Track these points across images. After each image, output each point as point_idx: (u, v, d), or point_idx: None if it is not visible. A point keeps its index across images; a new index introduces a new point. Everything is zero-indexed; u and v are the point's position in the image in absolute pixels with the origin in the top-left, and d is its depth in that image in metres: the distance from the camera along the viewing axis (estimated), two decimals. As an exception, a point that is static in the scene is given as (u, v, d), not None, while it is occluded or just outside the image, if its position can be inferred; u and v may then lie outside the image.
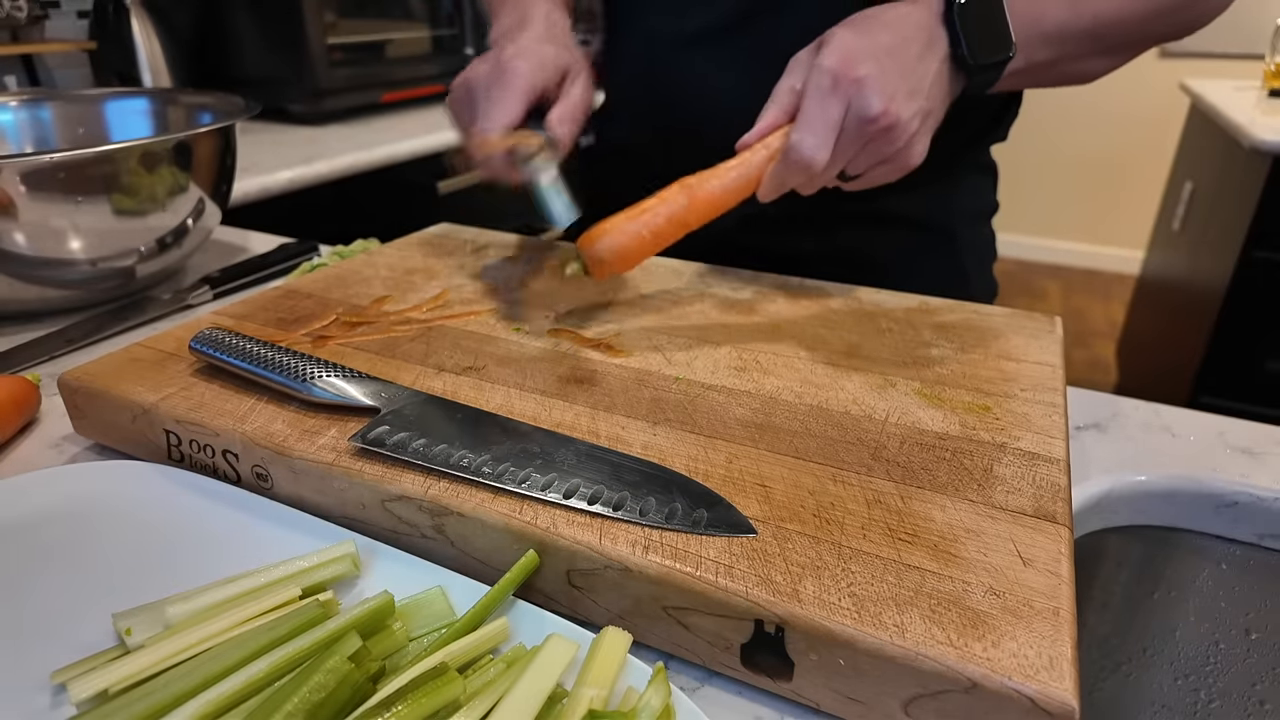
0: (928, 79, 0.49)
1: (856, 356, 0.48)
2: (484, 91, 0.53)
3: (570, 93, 0.56)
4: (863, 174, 0.51)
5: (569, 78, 0.56)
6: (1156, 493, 0.48)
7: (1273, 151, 1.58)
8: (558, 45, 0.57)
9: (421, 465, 0.36)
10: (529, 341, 0.49)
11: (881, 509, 0.34)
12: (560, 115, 0.54)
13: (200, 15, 1.57)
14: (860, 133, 0.47)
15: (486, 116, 0.52)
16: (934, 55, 0.49)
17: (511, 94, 0.52)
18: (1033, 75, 0.55)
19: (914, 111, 0.48)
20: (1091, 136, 3.34)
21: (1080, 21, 0.52)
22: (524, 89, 0.53)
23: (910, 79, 0.47)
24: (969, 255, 0.73)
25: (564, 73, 0.56)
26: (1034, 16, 0.51)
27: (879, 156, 0.49)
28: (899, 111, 0.47)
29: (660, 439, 0.39)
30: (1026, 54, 0.52)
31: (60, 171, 0.58)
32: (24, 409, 0.48)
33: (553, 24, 0.59)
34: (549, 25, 0.59)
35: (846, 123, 0.47)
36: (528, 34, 0.57)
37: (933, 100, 0.49)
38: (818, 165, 0.47)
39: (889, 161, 0.49)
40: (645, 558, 0.31)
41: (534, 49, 0.55)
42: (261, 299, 0.55)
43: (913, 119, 0.48)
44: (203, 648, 0.29)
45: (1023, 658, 0.27)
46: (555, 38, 0.58)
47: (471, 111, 0.54)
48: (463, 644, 0.29)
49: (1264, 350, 1.76)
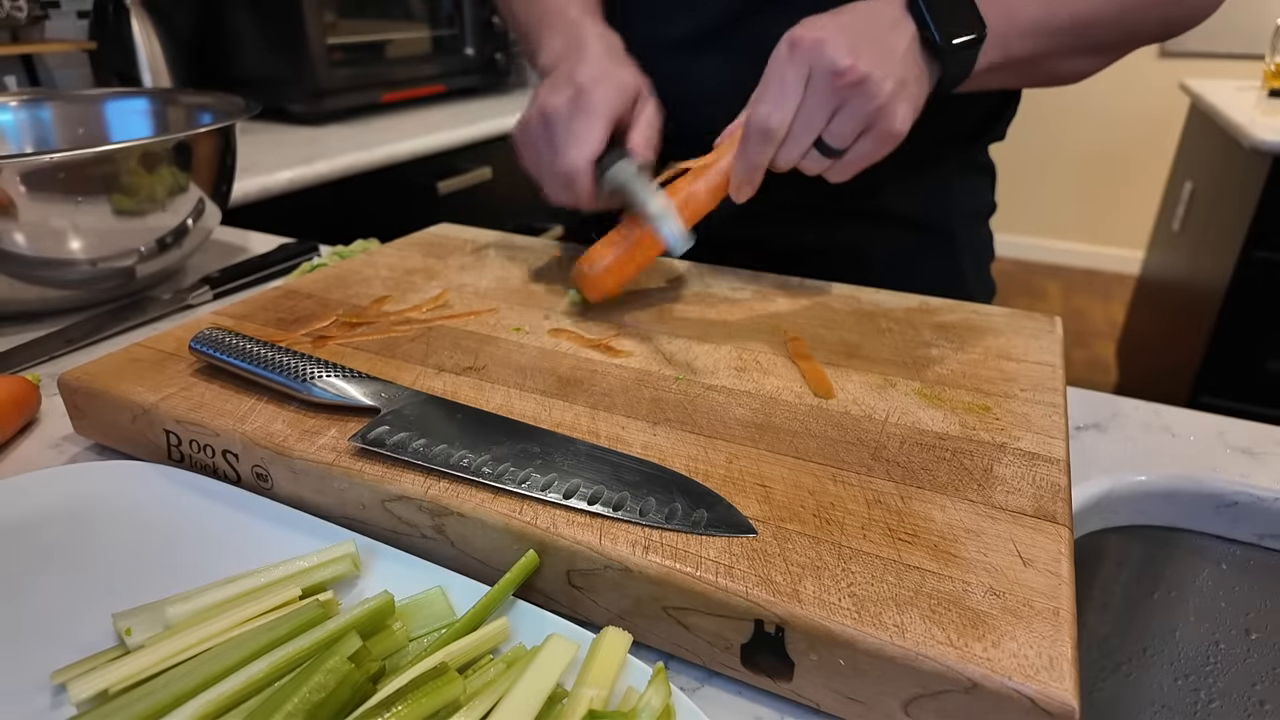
0: (898, 51, 0.47)
1: (856, 356, 0.48)
2: (566, 122, 0.51)
3: (645, 114, 0.54)
4: (848, 149, 0.49)
5: (640, 99, 0.55)
6: (1156, 493, 0.48)
7: (1273, 151, 1.58)
8: (626, 66, 0.55)
9: (421, 465, 0.36)
10: (529, 341, 0.49)
11: (881, 509, 0.34)
12: (645, 140, 0.53)
13: (200, 15, 1.57)
14: (829, 89, 0.45)
15: (572, 147, 0.50)
16: (902, 34, 0.48)
17: (596, 122, 0.50)
18: (1017, 71, 0.54)
19: (885, 73, 0.46)
20: (1091, 136, 3.34)
21: (1056, 19, 0.52)
22: (608, 116, 0.51)
23: (878, 46, 0.46)
24: (967, 255, 0.73)
25: (637, 94, 0.54)
26: (1007, 10, 0.51)
27: (857, 118, 0.47)
28: (867, 67, 0.45)
29: (660, 439, 0.39)
30: (1004, 47, 0.51)
31: (60, 171, 0.58)
32: (24, 409, 0.48)
33: (610, 44, 0.57)
34: (607, 45, 0.56)
35: (813, 82, 0.46)
36: (593, 56, 0.54)
37: (906, 71, 0.47)
38: (775, 129, 0.46)
39: (871, 127, 0.47)
40: (645, 558, 0.31)
41: (611, 73, 0.53)
42: (261, 299, 0.55)
43: (885, 79, 0.46)
44: (203, 648, 0.29)
45: (1023, 658, 0.27)
46: (619, 58, 0.56)
47: (551, 143, 0.52)
48: (463, 644, 0.29)
49: (1264, 350, 1.76)
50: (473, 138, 1.57)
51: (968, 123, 0.68)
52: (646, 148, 0.52)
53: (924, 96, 0.50)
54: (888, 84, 0.46)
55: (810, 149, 0.48)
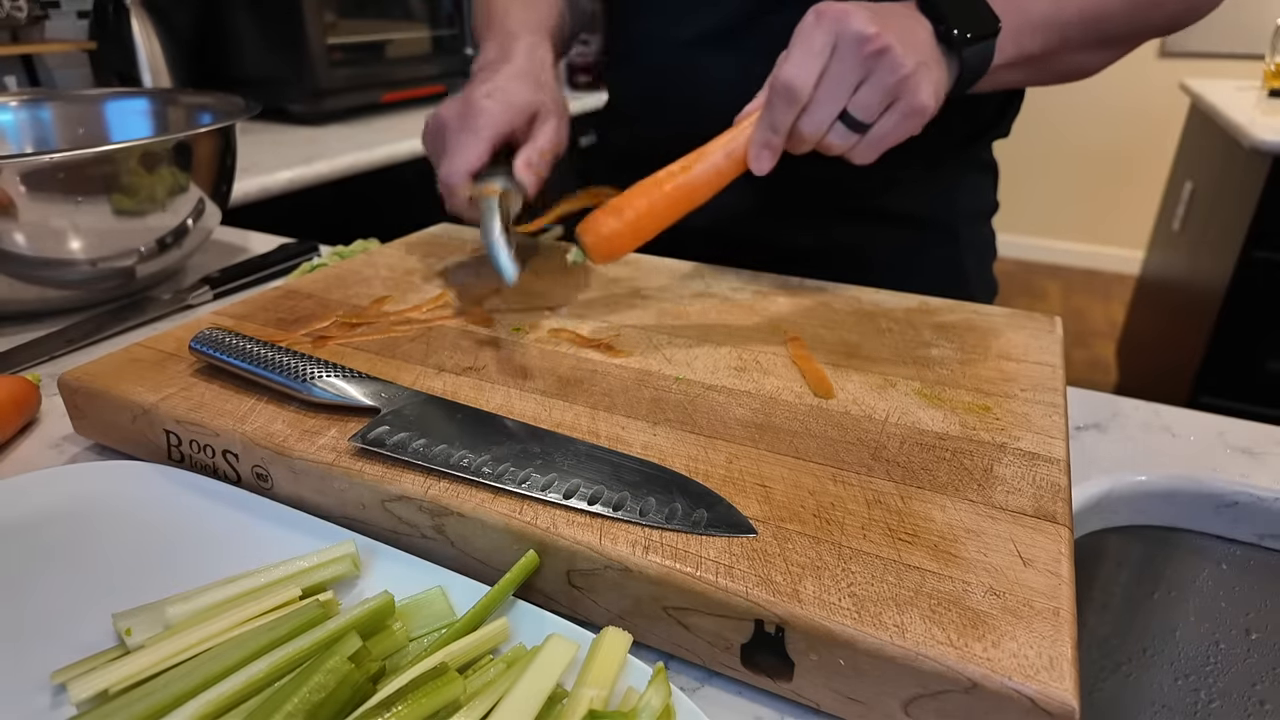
0: (918, 36, 0.48)
1: (856, 356, 0.48)
2: (453, 133, 0.54)
3: (537, 136, 0.55)
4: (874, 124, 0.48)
5: (539, 119, 0.56)
6: (1156, 493, 0.48)
7: (1273, 151, 1.58)
8: (532, 84, 0.57)
9: (421, 465, 0.36)
10: (529, 341, 0.49)
11: (881, 509, 0.34)
12: (525, 161, 0.54)
13: (200, 15, 1.57)
14: (856, 55, 0.45)
15: (452, 159, 0.52)
16: (921, 26, 0.49)
17: (477, 138, 0.53)
18: (1031, 68, 0.55)
19: (907, 48, 0.46)
20: (1092, 136, 3.34)
21: (1066, 12, 0.53)
22: (490, 134, 0.53)
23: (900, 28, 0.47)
24: (970, 254, 0.73)
25: (534, 114, 0.56)
26: (1019, 5, 0.51)
27: (882, 88, 0.46)
28: (891, 39, 0.45)
29: (660, 439, 0.39)
30: (1018, 43, 0.52)
31: (60, 171, 0.58)
32: (24, 409, 0.48)
33: (535, 60, 0.59)
34: (530, 60, 0.58)
35: (839, 49, 0.45)
36: (505, 70, 0.57)
37: (927, 55, 0.47)
38: (800, 89, 0.46)
39: (897, 100, 0.47)
40: (645, 558, 0.31)
41: (505, 88, 0.55)
42: (261, 299, 0.55)
43: (907, 54, 0.45)
44: (203, 648, 0.29)
45: (1023, 658, 0.27)
46: (533, 74, 0.58)
47: (441, 151, 0.55)
48: (463, 644, 0.29)
49: (1264, 350, 1.76)
50: (473, 138, 1.57)
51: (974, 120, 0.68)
52: (525, 168, 0.54)
53: (945, 84, 0.50)
54: (909, 60, 0.46)
55: (836, 122, 0.48)
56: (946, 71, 0.50)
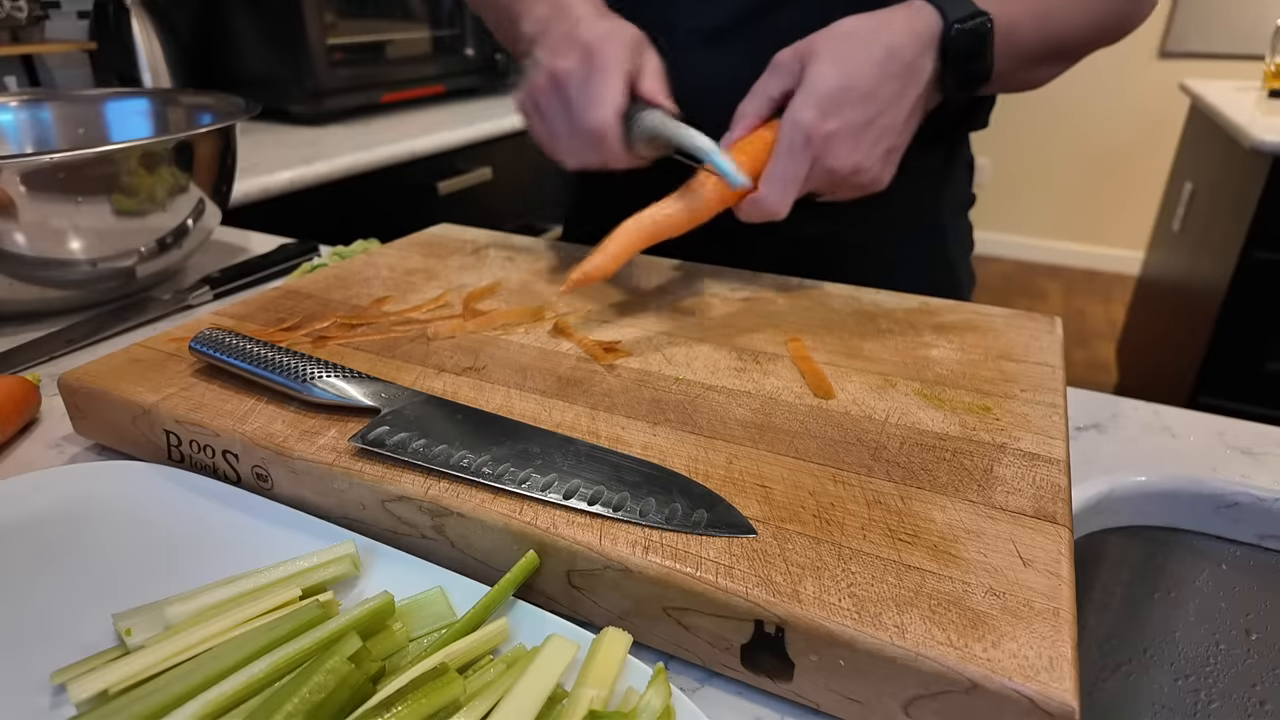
0: (901, 116, 0.50)
1: (856, 357, 0.48)
2: (580, 82, 0.50)
3: (651, 63, 0.53)
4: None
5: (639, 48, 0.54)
6: (1156, 493, 0.48)
7: (1273, 151, 1.58)
8: (616, 17, 0.54)
9: (421, 465, 0.36)
10: (529, 341, 0.49)
11: (881, 509, 0.34)
12: (655, 87, 0.52)
13: (200, 15, 1.57)
14: (826, 180, 0.50)
15: (594, 107, 0.49)
16: (914, 87, 0.50)
17: (613, 75, 0.49)
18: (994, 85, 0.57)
19: (880, 156, 0.50)
20: (1091, 137, 3.34)
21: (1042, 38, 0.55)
22: (624, 69, 0.50)
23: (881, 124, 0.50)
24: (955, 246, 0.75)
25: (640, 44, 0.54)
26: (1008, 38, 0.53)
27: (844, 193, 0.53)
28: (867, 164, 0.50)
29: (660, 439, 0.39)
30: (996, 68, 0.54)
31: (60, 172, 0.58)
32: (24, 409, 0.48)
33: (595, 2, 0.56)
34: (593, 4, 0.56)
35: (813, 171, 0.49)
36: (585, 11, 0.54)
37: (903, 137, 0.52)
38: (779, 217, 0.50)
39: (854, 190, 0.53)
40: (645, 558, 0.31)
41: (615, 28, 0.52)
42: (261, 299, 0.55)
43: (876, 163, 0.51)
44: (203, 648, 0.29)
45: (1023, 658, 0.27)
46: (608, 13, 0.55)
47: (568, 106, 0.51)
48: (463, 644, 0.29)
49: (1264, 350, 1.76)
50: (473, 138, 1.57)
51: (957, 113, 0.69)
52: (664, 95, 0.52)
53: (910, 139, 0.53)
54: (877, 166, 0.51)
55: None
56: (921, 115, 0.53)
